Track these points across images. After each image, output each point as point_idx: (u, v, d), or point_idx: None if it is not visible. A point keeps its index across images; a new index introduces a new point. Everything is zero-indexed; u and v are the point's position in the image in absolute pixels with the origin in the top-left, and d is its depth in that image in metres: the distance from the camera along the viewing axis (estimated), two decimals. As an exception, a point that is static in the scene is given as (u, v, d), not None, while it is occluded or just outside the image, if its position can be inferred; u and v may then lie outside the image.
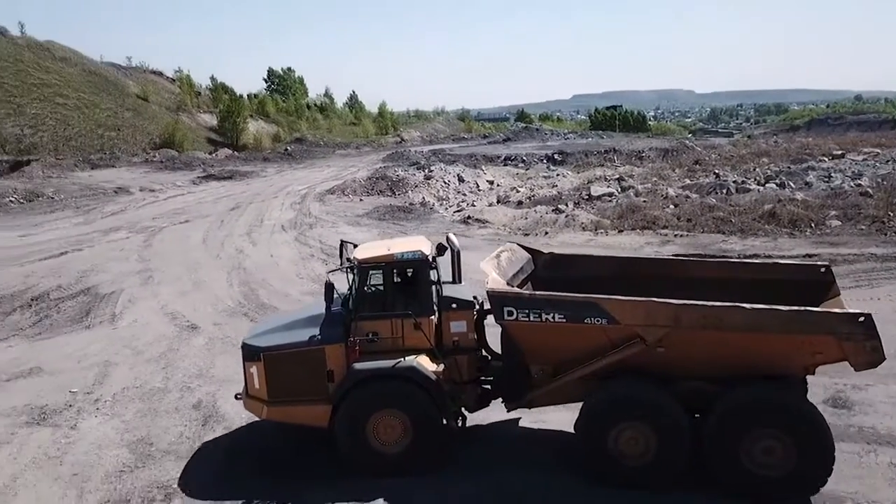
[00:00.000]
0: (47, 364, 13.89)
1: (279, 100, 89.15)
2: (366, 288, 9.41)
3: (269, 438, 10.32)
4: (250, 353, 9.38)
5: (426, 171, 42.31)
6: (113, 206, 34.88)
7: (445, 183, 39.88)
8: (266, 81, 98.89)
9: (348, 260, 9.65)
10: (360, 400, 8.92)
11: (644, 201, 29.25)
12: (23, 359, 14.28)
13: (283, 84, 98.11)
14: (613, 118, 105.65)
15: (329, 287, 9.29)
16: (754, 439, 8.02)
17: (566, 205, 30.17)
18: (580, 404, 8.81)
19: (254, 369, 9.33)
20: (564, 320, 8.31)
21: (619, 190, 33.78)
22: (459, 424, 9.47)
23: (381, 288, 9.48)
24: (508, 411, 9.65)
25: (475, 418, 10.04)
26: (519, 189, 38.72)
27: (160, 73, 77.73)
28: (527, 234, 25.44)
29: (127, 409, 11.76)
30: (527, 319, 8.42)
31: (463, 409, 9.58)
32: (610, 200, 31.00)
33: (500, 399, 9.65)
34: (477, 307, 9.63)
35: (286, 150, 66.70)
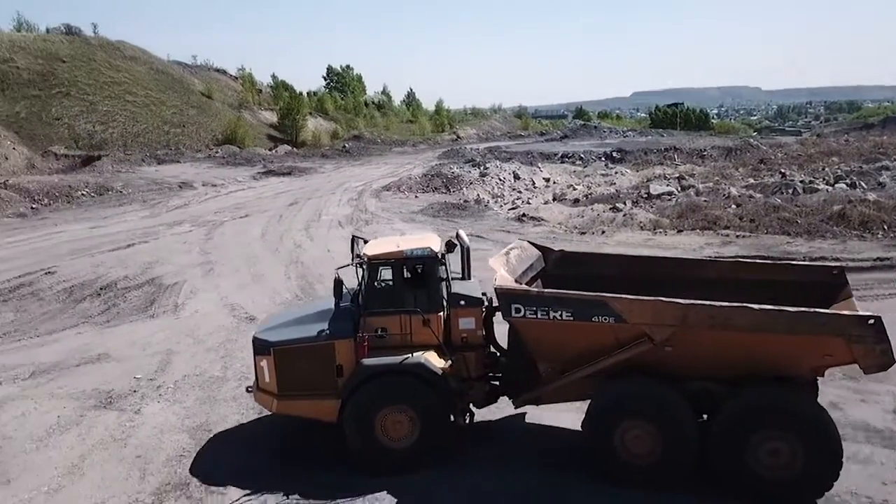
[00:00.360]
0: (114, 351, 14.46)
1: (338, 97, 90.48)
2: (375, 284, 9.42)
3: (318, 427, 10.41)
4: (261, 347, 9.44)
5: (481, 168, 42.24)
6: (177, 200, 36.02)
7: (501, 180, 39.75)
8: (325, 79, 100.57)
9: (358, 256, 9.60)
10: (369, 395, 8.92)
11: (705, 201, 28.51)
12: (92, 345, 14.90)
13: (341, 82, 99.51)
14: (674, 116, 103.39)
15: (338, 283, 9.25)
16: (760, 441, 7.95)
17: (624, 203, 29.66)
18: (589, 401, 8.79)
19: (264, 363, 9.39)
20: (572, 318, 8.28)
21: (679, 189, 33.03)
22: (466, 421, 9.47)
23: (391, 284, 9.48)
24: (516, 408, 9.71)
25: (485, 414, 10.10)
26: (576, 187, 38.29)
27: (224, 72, 79.91)
28: (583, 233, 25.12)
29: (187, 395, 12.13)
30: (534, 317, 8.40)
31: (471, 405, 9.61)
32: (669, 199, 30.34)
33: (508, 395, 9.68)
34: (486, 304, 9.59)
35: (344, 147, 67.66)
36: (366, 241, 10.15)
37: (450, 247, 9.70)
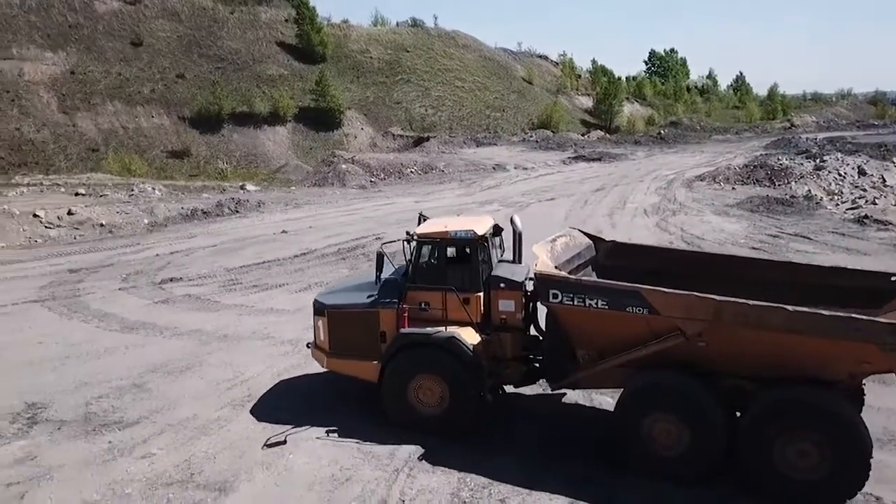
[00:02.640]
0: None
1: (657, 82, 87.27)
2: (421, 260, 9.87)
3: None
4: (318, 308, 10.36)
5: (817, 160, 37.00)
6: (490, 181, 38.03)
7: (840, 175, 34.34)
8: (646, 63, 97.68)
9: (407, 233, 9.98)
10: (404, 362, 9.54)
11: None
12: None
13: (663, 66, 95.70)
14: None
15: (379, 256, 9.84)
16: (788, 441, 7.86)
17: None
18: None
19: (320, 323, 10.32)
20: (606, 307, 8.37)
21: None
22: (492, 397, 9.70)
23: (435, 262, 9.90)
24: (553, 390, 9.97)
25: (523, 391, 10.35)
26: (943, 188, 31.41)
27: (545, 57, 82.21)
28: (948, 245, 20.46)
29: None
30: (571, 303, 8.53)
31: (508, 383, 10.04)
32: None
33: (546, 378, 9.88)
34: (527, 288, 9.69)
35: (659, 133, 65.00)
36: (426, 220, 10.62)
37: (496, 230, 10.22)
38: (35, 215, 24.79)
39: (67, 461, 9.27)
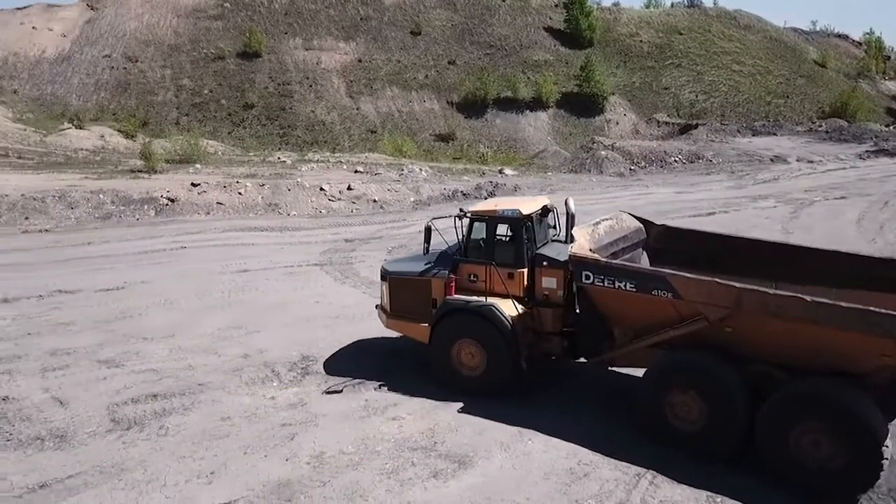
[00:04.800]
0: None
1: None
2: (473, 237, 10.77)
3: None
4: (383, 274, 11.58)
5: None
6: (766, 174, 34.33)
7: None
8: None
9: (461, 210, 10.98)
10: (448, 327, 10.48)
11: None
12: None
13: None
14: None
15: (427, 230, 11.19)
16: (803, 430, 7.98)
17: None
18: None
19: (384, 287, 11.46)
20: (634, 290, 8.77)
21: None
22: (526, 365, 10.21)
23: (484, 238, 10.69)
24: (590, 366, 10.61)
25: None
26: None
27: (844, 37, 72.18)
28: None
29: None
30: (601, 285, 9.00)
31: (550, 355, 10.70)
32: None
33: (584, 356, 10.44)
34: (570, 268, 9.76)
35: None
36: (466, 214, 11.20)
37: (544, 211, 11.00)
38: (321, 189, 27.81)
39: (330, 412, 10.12)
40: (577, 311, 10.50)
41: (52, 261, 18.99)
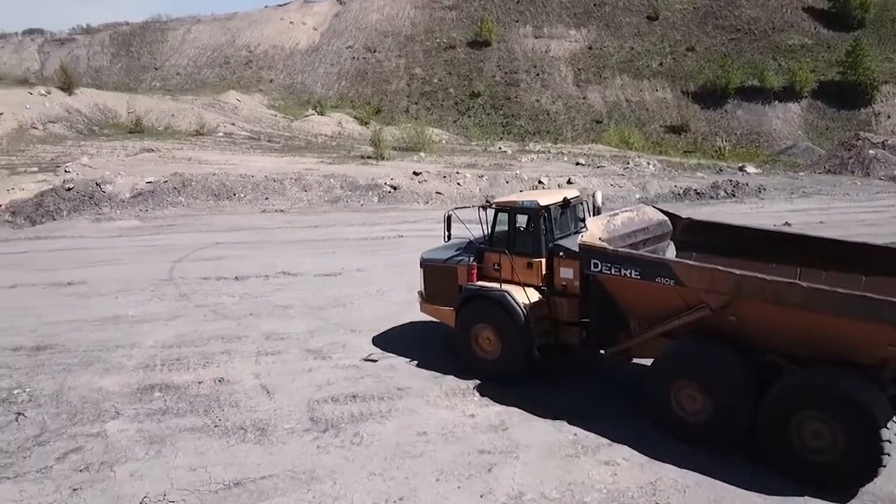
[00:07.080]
0: None
1: None
2: (497, 227, 11.03)
3: None
4: (421, 261, 11.93)
5: None
6: None
7: None
8: None
9: (486, 200, 11.74)
10: (468, 312, 10.89)
11: None
12: None
13: None
14: None
15: (448, 219, 11.36)
16: (804, 420, 7.87)
17: None
18: None
19: (421, 274, 11.83)
20: (639, 277, 8.79)
21: None
22: (539, 354, 10.37)
23: (506, 228, 10.94)
24: (606, 356, 10.42)
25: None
26: None
27: None
28: None
29: None
30: (609, 273, 9.04)
31: (567, 344, 10.66)
32: None
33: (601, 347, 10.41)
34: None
35: None
36: (491, 205, 11.37)
37: (565, 203, 10.99)
38: (539, 182, 26.69)
39: (534, 443, 8.94)
40: (585, 299, 10.41)
41: (282, 241, 20.03)
